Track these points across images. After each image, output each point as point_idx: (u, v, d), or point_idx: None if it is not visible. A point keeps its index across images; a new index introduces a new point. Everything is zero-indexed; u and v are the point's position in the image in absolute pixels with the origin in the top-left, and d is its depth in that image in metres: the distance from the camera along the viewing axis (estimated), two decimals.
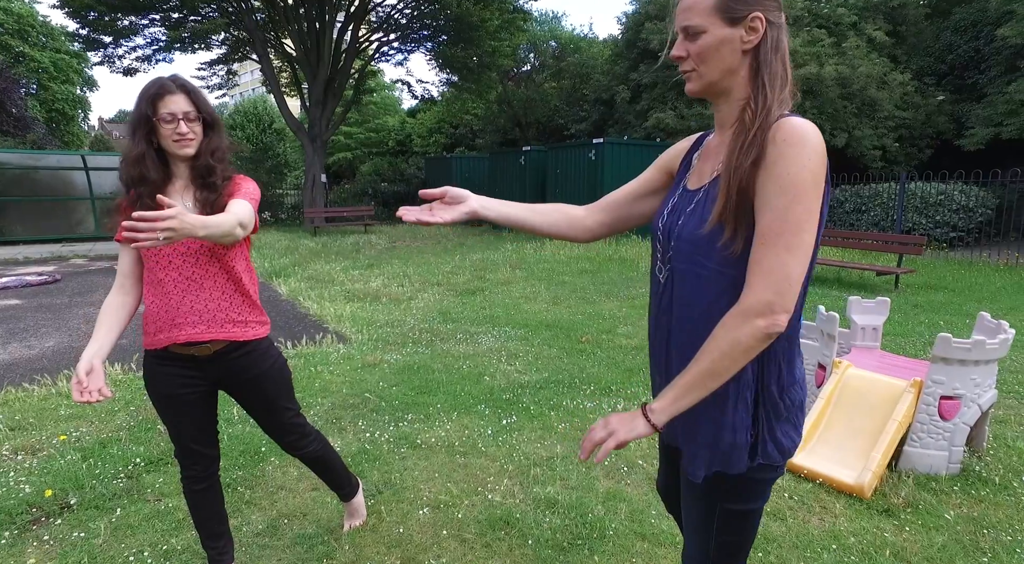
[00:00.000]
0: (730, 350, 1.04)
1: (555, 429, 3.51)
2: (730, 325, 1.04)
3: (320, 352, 5.06)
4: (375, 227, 17.46)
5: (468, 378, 4.41)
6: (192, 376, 1.89)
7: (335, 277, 8.94)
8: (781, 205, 1.00)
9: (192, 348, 1.84)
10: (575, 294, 7.56)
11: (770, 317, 1.01)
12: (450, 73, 20.30)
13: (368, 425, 3.56)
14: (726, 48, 1.09)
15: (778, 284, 1.01)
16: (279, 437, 2.12)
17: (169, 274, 1.79)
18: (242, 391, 2.00)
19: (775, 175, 1.01)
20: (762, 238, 1.02)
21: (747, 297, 1.03)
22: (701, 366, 1.06)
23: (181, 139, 1.75)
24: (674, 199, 1.25)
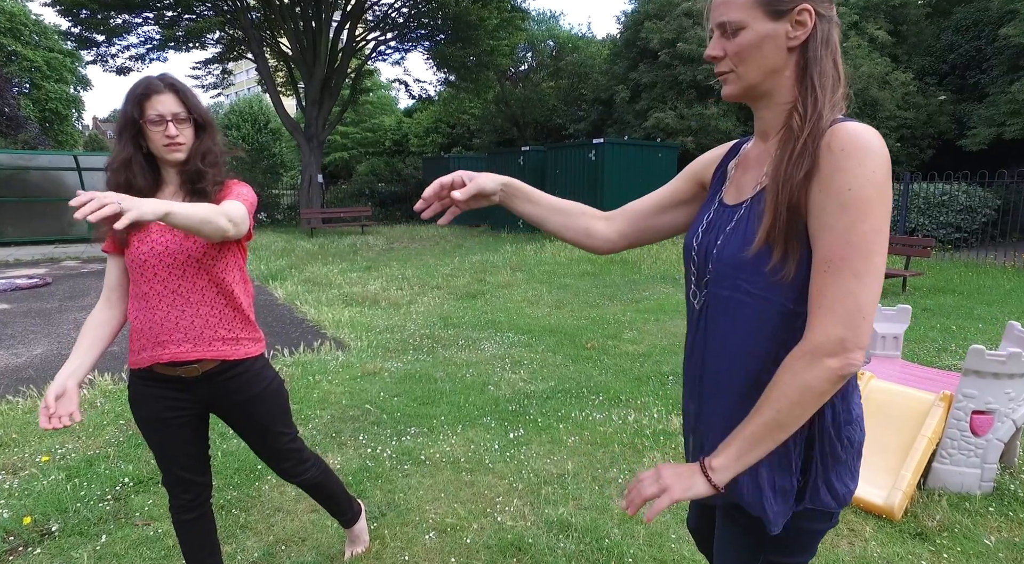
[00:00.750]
0: (800, 397, 0.90)
1: (565, 443, 3.36)
2: (797, 368, 0.91)
3: (318, 360, 4.90)
4: (372, 228, 17.29)
5: (472, 387, 4.25)
6: (180, 399, 1.74)
7: (333, 280, 8.78)
8: (843, 225, 0.87)
9: (178, 368, 1.68)
10: (578, 297, 7.42)
11: (843, 356, 0.88)
12: (447, 72, 20.15)
13: (369, 439, 3.41)
14: (769, 45, 0.96)
15: (849, 317, 0.87)
16: (274, 464, 1.97)
17: (154, 287, 1.64)
18: (234, 415, 1.84)
19: (834, 190, 0.88)
20: (825, 264, 0.89)
21: (813, 334, 0.90)
22: (767, 416, 0.93)
23: (170, 143, 1.61)
24: (709, 215, 1.12)
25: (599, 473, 3.00)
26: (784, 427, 0.92)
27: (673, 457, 3.17)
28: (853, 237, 0.87)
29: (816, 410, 0.93)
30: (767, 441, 0.94)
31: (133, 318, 1.68)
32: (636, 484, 1.02)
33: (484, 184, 1.21)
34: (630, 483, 1.04)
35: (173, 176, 1.69)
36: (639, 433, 3.47)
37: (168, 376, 1.70)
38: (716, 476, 0.97)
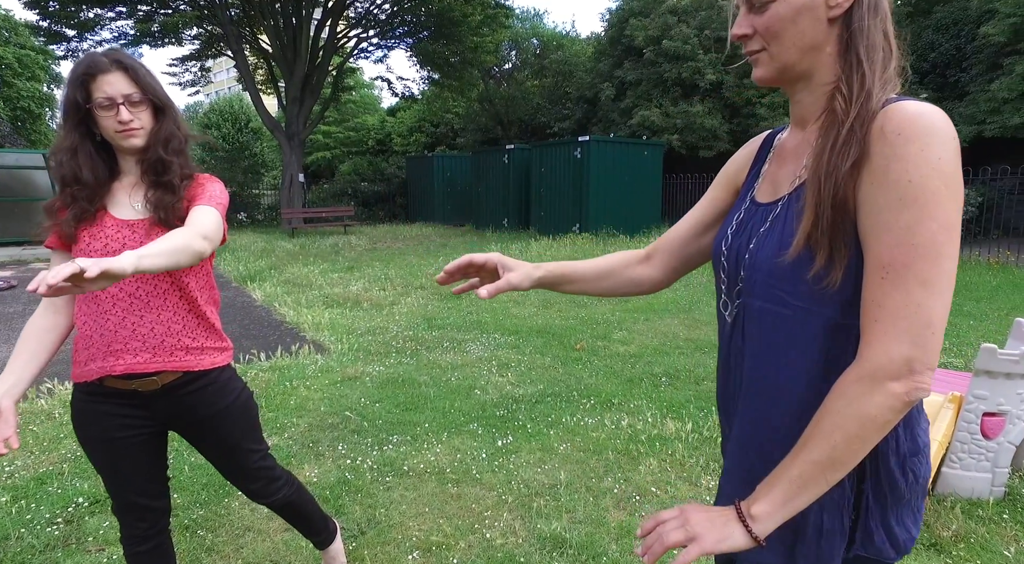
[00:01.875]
0: (859, 430, 0.75)
1: (556, 451, 3.19)
2: (854, 394, 0.75)
3: (296, 364, 4.68)
4: (355, 228, 17.01)
5: (457, 392, 4.07)
6: (134, 416, 1.54)
7: (313, 281, 8.54)
8: (904, 223, 0.73)
9: (133, 381, 1.49)
10: (565, 297, 7.26)
11: (909, 379, 0.73)
12: (431, 70, 19.91)
13: (349, 449, 3.21)
14: (806, 18, 0.82)
15: (916, 333, 0.72)
16: (243, 484, 1.77)
17: (107, 290, 1.44)
18: (197, 431, 1.64)
19: (891, 182, 0.73)
20: (882, 270, 0.74)
21: (873, 354, 0.74)
22: (819, 453, 0.77)
23: (124, 129, 1.42)
24: (739, 215, 0.98)
25: (593, 483, 2.84)
26: (840, 465, 0.77)
27: (670, 465, 3.02)
28: (917, 238, 0.72)
29: (876, 442, 0.77)
30: (819, 482, 0.78)
31: (81, 324, 1.48)
32: (657, 525, 0.85)
33: (517, 282, 1.05)
34: (646, 521, 0.86)
35: (131, 165, 1.50)
36: (634, 439, 3.31)
37: (121, 390, 1.50)
38: (757, 526, 0.80)
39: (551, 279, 1.11)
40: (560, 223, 13.54)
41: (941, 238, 0.72)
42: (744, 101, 14.30)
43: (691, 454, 3.12)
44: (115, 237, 1.45)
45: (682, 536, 0.81)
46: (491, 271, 1.07)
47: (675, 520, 0.83)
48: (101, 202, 1.48)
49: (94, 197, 1.46)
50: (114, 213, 1.48)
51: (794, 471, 0.78)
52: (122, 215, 1.48)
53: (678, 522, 0.82)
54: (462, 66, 18.76)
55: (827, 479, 0.77)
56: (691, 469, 2.96)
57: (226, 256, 10.92)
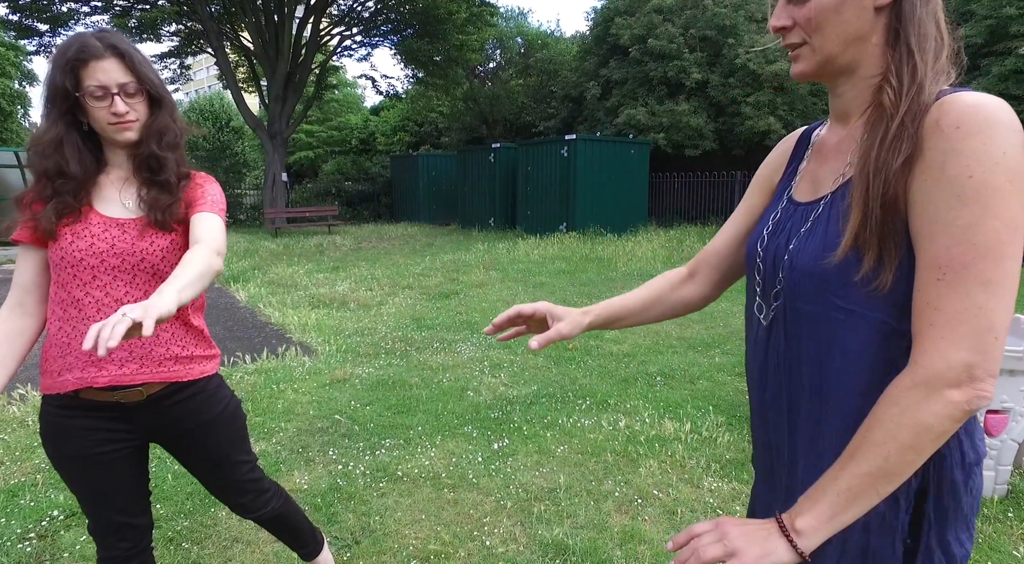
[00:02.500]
0: (914, 440, 0.70)
1: (553, 453, 3.11)
2: (909, 403, 0.70)
3: (283, 367, 4.55)
4: (339, 227, 16.80)
5: (450, 394, 3.98)
6: (115, 429, 1.42)
7: (298, 281, 8.38)
8: (964, 222, 0.68)
9: (116, 393, 1.37)
10: (554, 296, 7.19)
11: (970, 387, 0.68)
12: (415, 68, 19.74)
13: (340, 454, 3.10)
14: (850, 7, 0.78)
15: (977, 337, 0.67)
16: (231, 498, 1.67)
17: (91, 294, 1.33)
18: (183, 444, 1.54)
19: (948, 179, 0.69)
20: (938, 271, 0.70)
21: (929, 360, 0.69)
22: (870, 464, 0.72)
23: (119, 121, 1.31)
24: (776, 214, 0.94)
25: (593, 486, 2.76)
26: (892, 477, 0.72)
27: (671, 466, 2.96)
28: (978, 237, 0.67)
29: (931, 454, 0.72)
30: (870, 495, 0.72)
31: (56, 330, 1.35)
32: (692, 540, 0.79)
33: (567, 333, 1.03)
34: (679, 535, 0.80)
35: (122, 159, 1.40)
36: (632, 440, 3.24)
37: (100, 403, 1.38)
38: (803, 541, 0.74)
39: (600, 322, 1.08)
40: (547, 222, 13.48)
41: (1005, 237, 0.67)
42: (729, 100, 14.34)
43: (691, 455, 3.06)
44: (102, 236, 1.34)
45: (720, 551, 0.75)
46: (539, 320, 1.06)
47: (711, 533, 0.77)
48: (87, 197, 1.36)
49: (79, 191, 1.35)
50: (101, 210, 1.36)
51: (842, 483, 0.73)
52: (110, 212, 1.37)
53: (715, 536, 0.77)
54: (447, 64, 18.62)
55: (878, 492, 0.72)
56: (692, 471, 2.90)
57: None
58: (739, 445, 3.15)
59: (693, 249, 10.80)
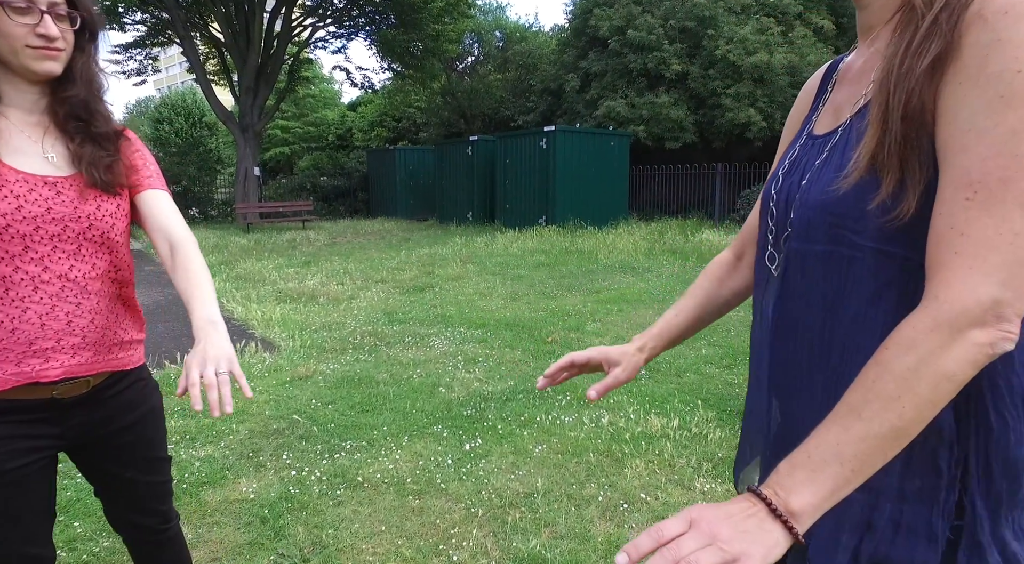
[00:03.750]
0: (933, 393, 0.56)
1: (530, 453, 2.85)
2: (928, 347, 0.57)
3: (241, 363, 4.19)
4: (314, 223, 16.36)
5: (420, 391, 3.69)
6: (37, 436, 1.17)
7: (267, 276, 8.01)
8: (1008, 127, 0.55)
9: (58, 387, 1.15)
10: (533, 289, 6.93)
11: (996, 327, 0.56)
12: (392, 60, 19.34)
13: (295, 458, 2.81)
14: None
15: (1010, 270, 0.55)
16: (155, 506, 1.39)
17: (23, 269, 1.08)
18: (113, 446, 1.29)
19: (989, 76, 0.56)
20: (970, 188, 0.57)
21: (952, 294, 0.57)
22: (881, 425, 0.57)
23: (44, 47, 1.06)
24: (794, 152, 0.82)
25: (574, 490, 2.51)
26: (905, 438, 0.58)
27: (658, 466, 2.71)
28: (1022, 146, 0.54)
29: (939, 407, 0.58)
30: (876, 461, 0.58)
31: None
32: (659, 545, 0.56)
33: (625, 378, 0.99)
34: (640, 540, 0.55)
35: (31, 99, 1.12)
36: (616, 438, 2.99)
37: (28, 403, 1.13)
38: (801, 524, 0.57)
39: (660, 349, 1.02)
40: (526, 215, 13.22)
41: None
42: (709, 92, 14.19)
43: (680, 453, 2.82)
44: (30, 197, 1.08)
45: (719, 559, 0.54)
46: (595, 367, 1.01)
47: (694, 537, 0.55)
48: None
49: None
50: (14, 164, 1.09)
51: (848, 449, 0.58)
52: (31, 168, 1.11)
53: (700, 538, 0.55)
54: (423, 56, 18.25)
55: (885, 455, 0.58)
56: (682, 470, 2.66)
57: None
58: (731, 442, 2.92)
59: (675, 242, 10.63)
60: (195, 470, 2.64)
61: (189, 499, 2.41)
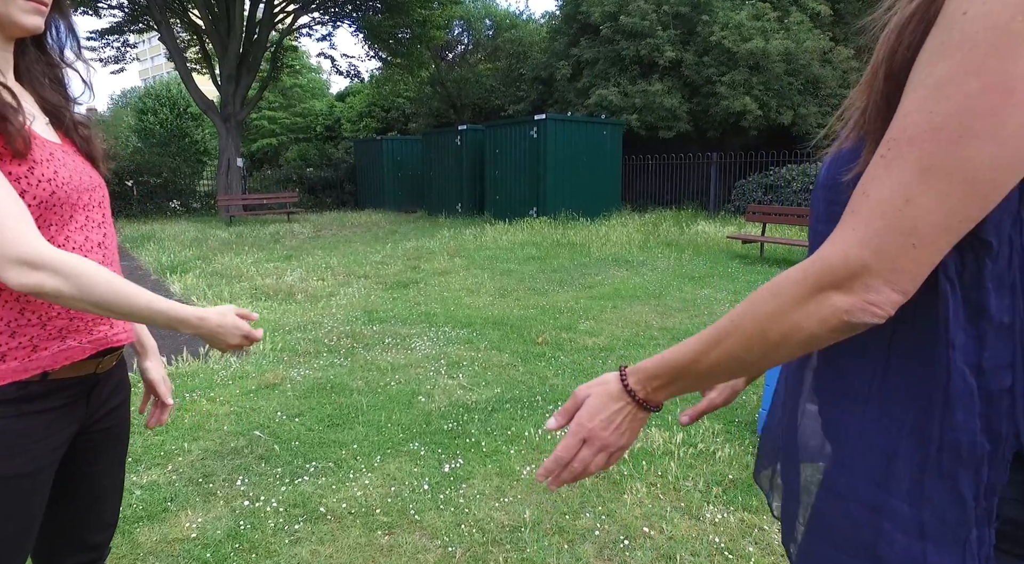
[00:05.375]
0: (781, 338, 0.57)
1: (518, 476, 2.53)
2: (786, 293, 0.56)
3: (203, 370, 3.88)
4: (299, 215, 15.94)
5: (397, 400, 3.37)
6: (71, 420, 1.06)
7: (244, 271, 7.63)
8: (935, 79, 0.48)
9: (100, 360, 1.08)
10: (523, 284, 6.61)
11: (858, 294, 0.52)
12: (379, 48, 18.85)
13: (251, 485, 2.48)
14: None
15: (887, 235, 0.51)
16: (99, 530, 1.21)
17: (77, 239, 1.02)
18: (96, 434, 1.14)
19: (941, 21, 0.49)
20: (885, 144, 0.52)
21: (825, 250, 0.54)
22: (732, 355, 0.60)
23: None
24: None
25: (567, 521, 2.19)
26: (751, 371, 0.65)
27: (662, 490, 2.40)
28: (942, 102, 0.48)
29: (786, 360, 0.60)
30: (723, 379, 0.66)
31: None
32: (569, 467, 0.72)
33: (720, 401, 0.91)
34: (550, 462, 0.73)
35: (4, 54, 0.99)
36: None
37: (72, 380, 1.04)
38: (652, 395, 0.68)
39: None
40: (516, 207, 12.87)
41: (982, 105, 0.46)
42: (704, 80, 13.86)
43: (686, 474, 2.51)
44: (69, 164, 1.02)
45: (609, 460, 0.72)
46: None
47: (589, 449, 0.71)
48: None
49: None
50: (35, 128, 0.98)
51: (702, 369, 0.63)
52: (46, 134, 1.03)
53: (592, 449, 0.71)
54: (411, 43, 17.79)
55: (734, 377, 0.66)
56: (688, 496, 2.35)
57: (149, 246, 9.86)
58: (742, 460, 2.62)
59: (670, 233, 10.33)
60: (133, 502, 2.31)
61: (121, 539, 2.08)
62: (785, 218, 8.95)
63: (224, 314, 1.08)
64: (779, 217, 8.92)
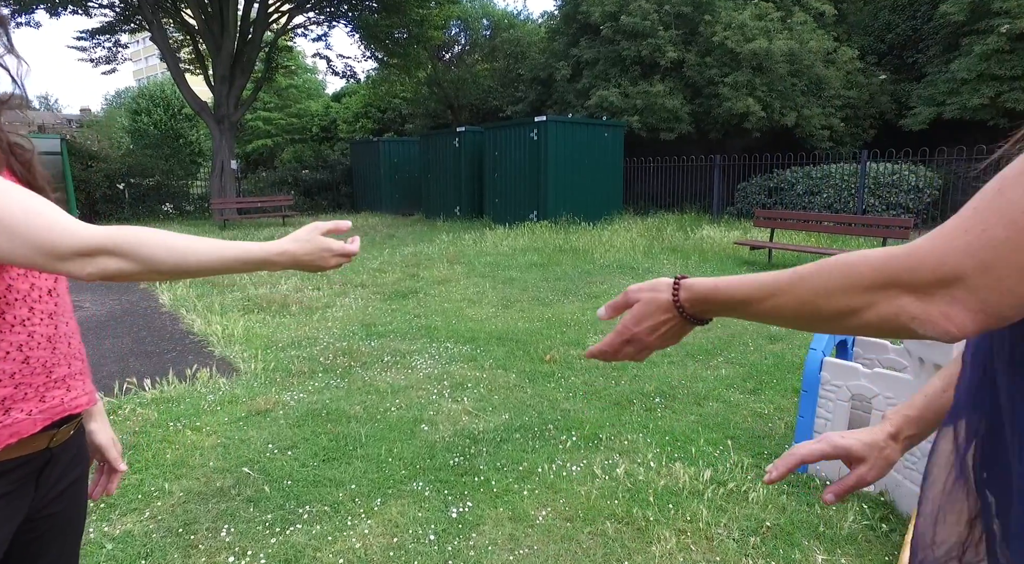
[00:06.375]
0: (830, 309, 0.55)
1: (532, 521, 2.30)
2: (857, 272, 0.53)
3: (190, 394, 3.63)
4: (295, 219, 15.67)
5: (398, 429, 3.13)
6: (11, 516, 0.90)
7: (237, 279, 7.38)
8: None
9: (55, 432, 0.94)
10: (527, 294, 6.38)
11: (938, 305, 0.48)
12: (375, 48, 18.58)
13: (237, 533, 2.23)
14: None
15: (1006, 247, 0.45)
16: None
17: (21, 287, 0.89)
18: (58, 518, 1.00)
19: None
20: None
21: (922, 242, 0.50)
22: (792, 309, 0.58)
23: None
24: None
25: None
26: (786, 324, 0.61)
27: (692, 539, 2.17)
28: None
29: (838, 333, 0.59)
30: (762, 319, 0.62)
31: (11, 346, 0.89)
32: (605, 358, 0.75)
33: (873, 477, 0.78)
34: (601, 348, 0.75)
35: None
36: (636, 496, 2.45)
37: (15, 462, 0.89)
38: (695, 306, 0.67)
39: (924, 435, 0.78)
40: (516, 210, 12.64)
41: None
42: (706, 81, 13.65)
43: (717, 519, 2.28)
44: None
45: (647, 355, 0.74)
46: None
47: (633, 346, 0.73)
48: None
49: None
50: None
51: (760, 309, 0.61)
52: None
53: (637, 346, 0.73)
54: (408, 43, 17.53)
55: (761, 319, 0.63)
56: (724, 546, 2.12)
57: None
58: (777, 501, 2.39)
59: (674, 238, 10.12)
60: (102, 560, 2.07)
61: None
62: (793, 223, 8.74)
63: (307, 241, 0.97)
64: (787, 222, 8.71)
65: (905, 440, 0.78)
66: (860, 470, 0.78)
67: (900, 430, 0.78)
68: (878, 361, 2.88)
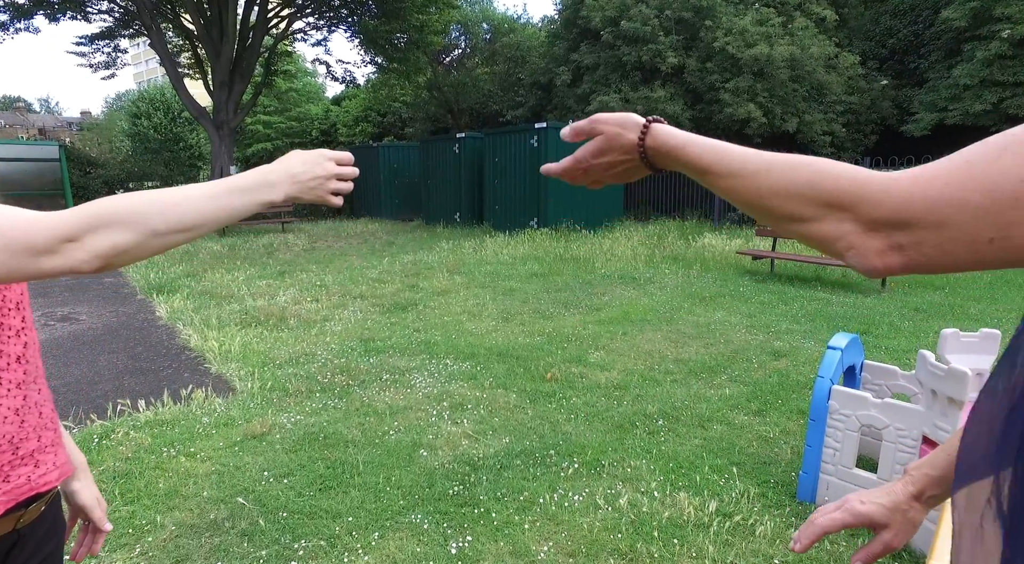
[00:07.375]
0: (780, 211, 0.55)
1: (534, 557, 2.24)
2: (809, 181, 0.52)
3: (185, 416, 3.57)
4: (294, 225, 15.63)
5: (397, 453, 3.07)
6: None
7: (235, 291, 7.33)
8: None
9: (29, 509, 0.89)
10: (527, 306, 6.32)
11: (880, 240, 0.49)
12: (375, 53, 18.56)
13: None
14: None
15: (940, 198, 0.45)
16: None
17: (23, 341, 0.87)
18: None
19: None
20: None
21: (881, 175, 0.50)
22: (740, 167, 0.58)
23: None
24: None
25: None
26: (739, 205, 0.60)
27: None
28: None
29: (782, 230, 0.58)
30: (716, 191, 0.61)
31: None
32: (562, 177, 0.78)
33: (899, 544, 0.77)
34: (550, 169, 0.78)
35: None
36: (640, 528, 2.39)
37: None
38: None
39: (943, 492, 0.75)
40: (516, 217, 12.59)
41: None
42: (707, 86, 13.61)
43: (723, 555, 2.22)
44: None
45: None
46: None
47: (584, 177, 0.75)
48: None
49: None
50: None
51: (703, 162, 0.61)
52: None
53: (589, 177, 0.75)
54: (408, 48, 17.50)
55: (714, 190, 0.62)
56: None
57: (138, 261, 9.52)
58: (785, 536, 2.32)
59: (676, 247, 10.06)
60: None
61: None
62: None
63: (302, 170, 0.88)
64: None
65: (928, 500, 0.76)
66: (885, 537, 0.76)
67: (923, 491, 0.76)
68: (887, 387, 2.83)
